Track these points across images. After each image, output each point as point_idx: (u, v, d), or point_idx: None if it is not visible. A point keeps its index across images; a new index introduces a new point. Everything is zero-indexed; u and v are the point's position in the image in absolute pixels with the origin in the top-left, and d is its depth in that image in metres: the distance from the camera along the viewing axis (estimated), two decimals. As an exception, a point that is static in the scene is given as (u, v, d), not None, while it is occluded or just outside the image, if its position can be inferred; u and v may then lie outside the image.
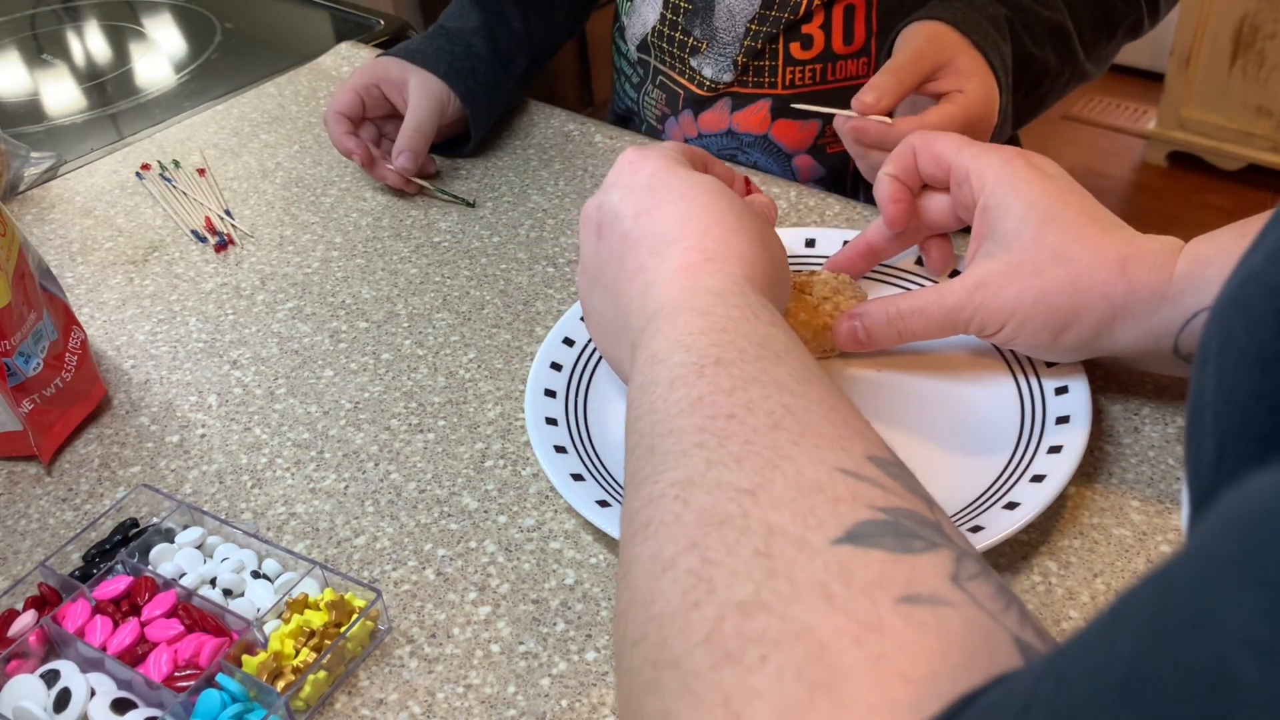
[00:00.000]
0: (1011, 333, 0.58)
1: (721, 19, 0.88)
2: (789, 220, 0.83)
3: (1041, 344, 0.59)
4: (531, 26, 0.97)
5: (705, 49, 0.90)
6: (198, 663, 0.52)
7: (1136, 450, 0.61)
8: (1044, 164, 0.61)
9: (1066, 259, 0.56)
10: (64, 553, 0.59)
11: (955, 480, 0.59)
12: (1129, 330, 0.57)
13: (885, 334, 0.63)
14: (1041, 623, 0.40)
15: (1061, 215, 0.58)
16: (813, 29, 0.87)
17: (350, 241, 0.85)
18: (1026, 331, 0.58)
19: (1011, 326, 0.58)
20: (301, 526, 0.61)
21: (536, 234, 0.84)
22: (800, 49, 0.87)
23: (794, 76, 0.89)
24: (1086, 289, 0.56)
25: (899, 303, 0.62)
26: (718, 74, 0.91)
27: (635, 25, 0.96)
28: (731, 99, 0.92)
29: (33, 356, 0.66)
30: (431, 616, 0.56)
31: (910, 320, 0.62)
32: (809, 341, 0.66)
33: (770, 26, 0.87)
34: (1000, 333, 0.59)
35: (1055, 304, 0.57)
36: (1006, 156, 0.61)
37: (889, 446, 0.41)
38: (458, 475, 0.64)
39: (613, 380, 0.67)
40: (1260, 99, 2.41)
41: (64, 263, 0.85)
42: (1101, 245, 0.57)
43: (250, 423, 0.69)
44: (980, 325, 0.59)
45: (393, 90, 0.90)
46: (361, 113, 0.90)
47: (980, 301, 0.58)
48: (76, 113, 1.11)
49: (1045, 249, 0.57)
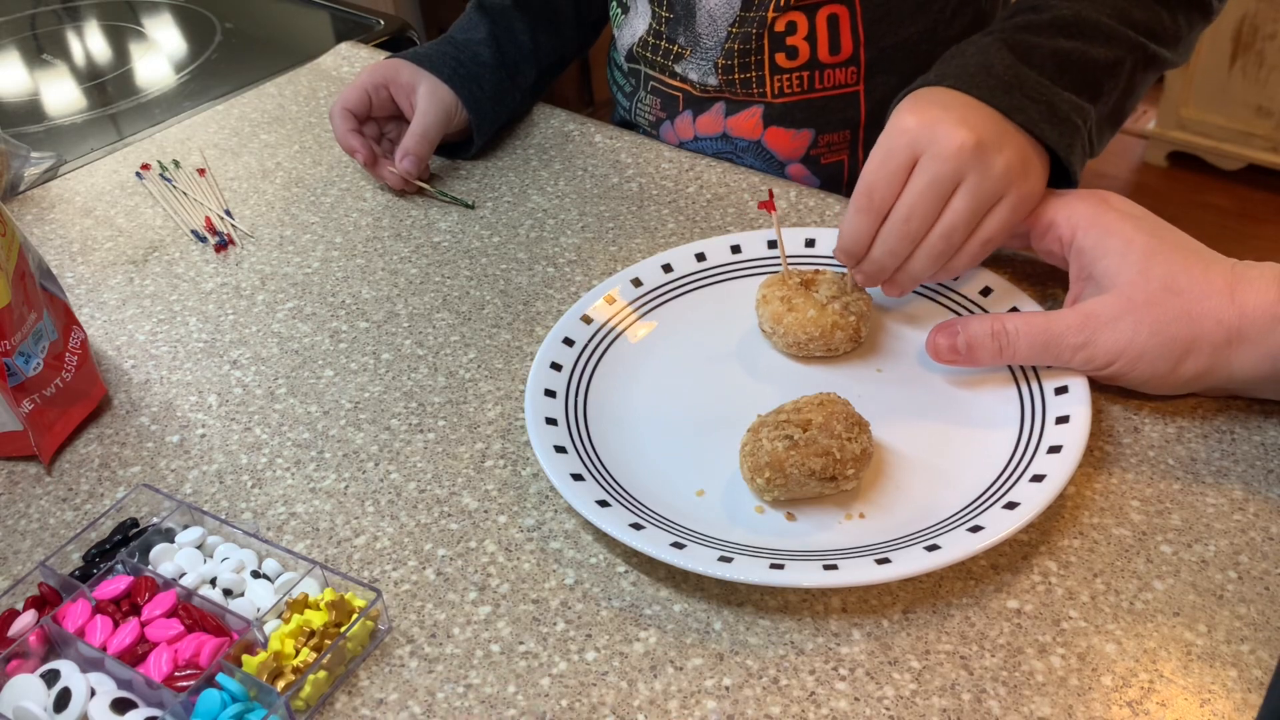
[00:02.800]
0: (1127, 365, 0.59)
1: (703, 24, 0.89)
2: (789, 220, 0.83)
3: (1159, 375, 0.59)
4: (539, 40, 0.98)
5: (689, 55, 0.91)
6: (198, 663, 0.52)
7: (1136, 450, 0.61)
8: (1126, 204, 0.62)
9: (1177, 289, 0.57)
10: (64, 553, 0.59)
11: (955, 480, 0.59)
12: (1246, 355, 0.57)
13: (987, 349, 0.62)
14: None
15: (1162, 249, 0.58)
16: (797, 40, 0.86)
17: (350, 241, 0.85)
18: (1145, 363, 0.58)
19: (1128, 359, 0.58)
20: (301, 526, 0.61)
21: (536, 234, 0.84)
22: (785, 59, 0.88)
23: (782, 85, 0.89)
24: (1200, 316, 0.57)
25: (1004, 320, 0.62)
26: (702, 78, 0.91)
27: (625, 37, 0.97)
28: (726, 104, 0.92)
29: (33, 356, 0.66)
30: (431, 616, 0.56)
31: (1015, 338, 0.61)
32: (817, 340, 0.66)
33: (749, 27, 0.87)
34: (1113, 366, 0.59)
35: (1172, 334, 0.57)
36: (1093, 200, 0.61)
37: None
38: (458, 475, 0.64)
39: (612, 381, 0.67)
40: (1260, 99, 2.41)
41: (64, 263, 0.85)
42: (1207, 274, 0.57)
43: (250, 423, 0.69)
44: (1089, 356, 0.59)
45: (401, 93, 0.91)
46: (368, 111, 0.91)
47: (1093, 331, 0.59)
48: (76, 113, 1.11)
49: (1154, 281, 0.58)
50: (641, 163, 0.92)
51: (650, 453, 0.63)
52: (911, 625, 0.53)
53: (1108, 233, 0.60)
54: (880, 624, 0.53)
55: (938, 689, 0.50)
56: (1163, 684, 0.49)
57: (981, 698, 0.49)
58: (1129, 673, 0.50)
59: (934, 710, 0.49)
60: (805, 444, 0.56)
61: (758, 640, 0.53)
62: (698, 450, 0.62)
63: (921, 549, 0.53)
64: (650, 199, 0.87)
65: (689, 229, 0.83)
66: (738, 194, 0.87)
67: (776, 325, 0.67)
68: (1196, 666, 0.50)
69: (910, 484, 0.59)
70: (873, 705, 0.50)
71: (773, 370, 0.68)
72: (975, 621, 0.53)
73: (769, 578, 0.52)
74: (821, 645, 0.52)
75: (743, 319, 0.71)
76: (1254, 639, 0.51)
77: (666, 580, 0.56)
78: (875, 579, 0.52)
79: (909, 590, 0.55)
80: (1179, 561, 0.55)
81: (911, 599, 0.54)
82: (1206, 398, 0.64)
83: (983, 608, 0.53)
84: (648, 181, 0.89)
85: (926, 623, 0.53)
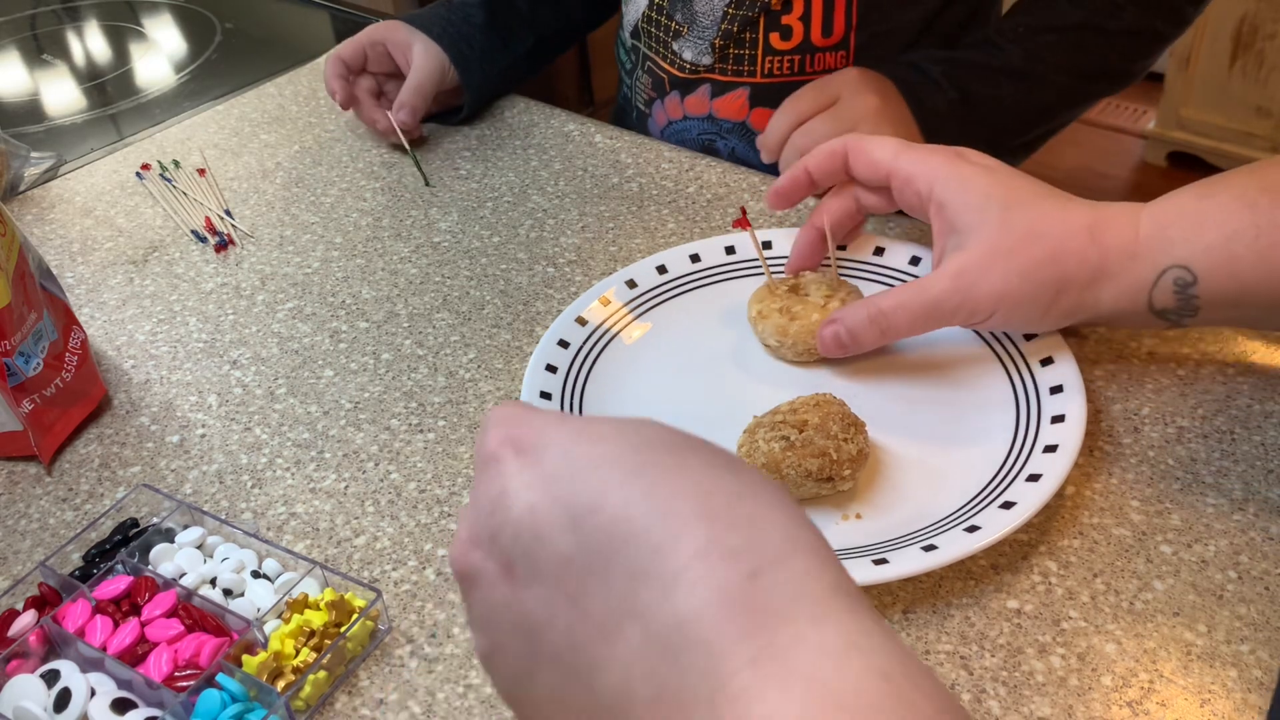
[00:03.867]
0: (1004, 314, 0.60)
1: (701, 3, 0.91)
2: (773, 221, 0.83)
3: (1034, 318, 0.61)
4: (538, 6, 1.02)
5: (686, 33, 0.93)
6: (198, 663, 0.52)
7: (1136, 450, 0.61)
8: (982, 159, 0.63)
9: (1040, 234, 0.59)
10: (64, 553, 0.59)
11: (952, 480, 0.59)
12: (1108, 291, 0.59)
13: (868, 334, 0.63)
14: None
15: (1019, 198, 0.60)
16: (792, 20, 0.88)
17: (350, 241, 0.85)
18: (1020, 310, 0.60)
19: (1004, 308, 0.60)
20: (301, 526, 0.61)
21: (536, 234, 0.84)
22: (780, 39, 0.89)
23: (772, 66, 0.91)
24: (1064, 257, 0.59)
25: (879, 301, 0.63)
26: (697, 57, 0.94)
27: (630, 13, 1.00)
28: (711, 85, 0.94)
29: (33, 356, 0.66)
30: (431, 616, 0.56)
31: (893, 316, 0.62)
32: None
33: (747, 10, 0.89)
34: (991, 317, 0.60)
35: (1042, 277, 0.59)
36: (948, 156, 0.63)
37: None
38: (458, 475, 0.64)
39: (610, 380, 0.67)
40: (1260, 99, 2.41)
41: (64, 263, 0.85)
42: (1066, 217, 0.59)
43: (250, 423, 0.69)
44: (969, 313, 0.60)
45: (397, 51, 0.96)
46: (362, 64, 0.97)
47: (965, 288, 0.60)
48: (76, 113, 1.11)
49: (1016, 230, 0.59)
50: (641, 163, 0.92)
51: (650, 453, 0.62)
52: (911, 625, 0.53)
53: (965, 186, 0.61)
54: (880, 624, 0.53)
55: (937, 689, 0.50)
56: (1163, 684, 0.49)
57: (981, 698, 0.50)
58: (1129, 673, 0.50)
59: (933, 710, 0.49)
60: (802, 445, 0.56)
61: (757, 640, 0.53)
62: (697, 450, 0.62)
63: (919, 549, 0.53)
64: (650, 199, 0.87)
65: (689, 229, 0.83)
66: (738, 194, 0.87)
67: (783, 338, 0.67)
68: (1196, 666, 0.50)
69: (907, 484, 0.59)
70: (872, 705, 0.50)
71: (768, 371, 0.68)
72: (975, 621, 0.53)
73: (768, 578, 0.52)
74: (821, 645, 0.52)
75: (738, 320, 0.71)
76: (1254, 639, 0.51)
77: (666, 580, 0.56)
78: (873, 579, 0.52)
79: (908, 590, 0.55)
80: (1179, 561, 0.55)
81: (911, 599, 0.54)
82: (1205, 398, 0.64)
83: (983, 608, 0.53)
84: (648, 181, 0.89)
85: (926, 623, 0.53)
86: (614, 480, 0.31)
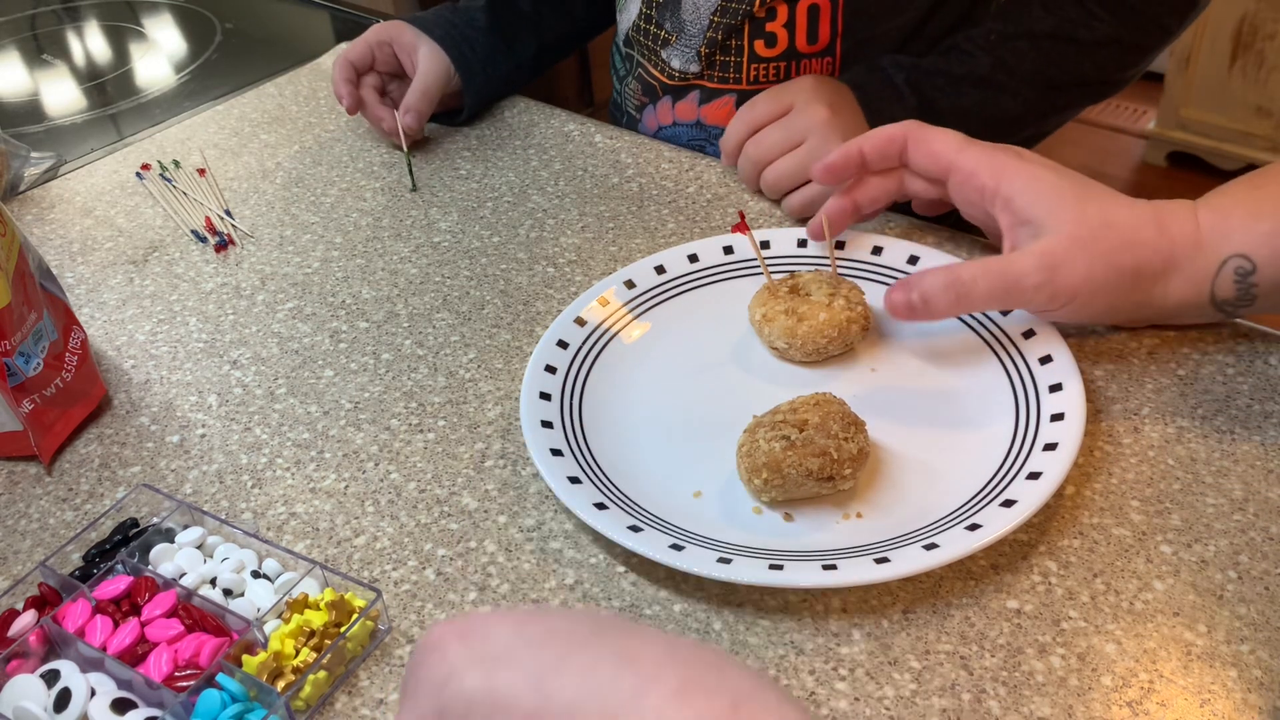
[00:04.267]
0: (1083, 301, 0.61)
1: (688, 12, 0.92)
2: (772, 221, 0.83)
3: (1109, 307, 0.62)
4: (541, 11, 1.02)
5: (675, 41, 0.94)
6: (198, 663, 0.52)
7: (1136, 450, 0.61)
8: (1038, 157, 0.65)
9: (1114, 224, 0.60)
10: (64, 553, 0.59)
11: (952, 479, 0.59)
12: (1176, 282, 0.60)
13: (942, 300, 0.63)
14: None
15: (1088, 192, 0.62)
16: (776, 27, 0.89)
17: (350, 241, 0.85)
18: (1098, 298, 0.61)
19: (1085, 294, 0.60)
20: (301, 526, 0.61)
21: (536, 234, 0.84)
22: (765, 46, 0.90)
23: (758, 73, 0.91)
24: (1138, 246, 0.60)
25: (957, 270, 0.63)
26: (685, 65, 0.94)
27: (624, 21, 1.00)
28: (700, 91, 0.95)
29: (33, 356, 0.66)
30: (432, 616, 0.56)
31: (972, 286, 0.62)
32: (835, 340, 0.66)
33: (730, 18, 0.89)
34: (1068, 304, 0.61)
35: (1120, 263, 0.60)
36: (1010, 153, 0.64)
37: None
38: (458, 475, 0.64)
39: (610, 381, 0.67)
40: (1260, 99, 2.41)
41: (64, 263, 0.85)
42: (1133, 208, 0.61)
43: (250, 423, 0.69)
44: (1050, 295, 0.61)
45: (403, 52, 0.96)
46: (370, 65, 0.97)
47: (1050, 269, 0.60)
48: (76, 113, 1.11)
49: (1092, 221, 0.60)
50: (641, 163, 0.92)
51: (647, 454, 0.63)
52: (911, 625, 0.53)
53: (1034, 180, 0.62)
54: (880, 624, 0.53)
55: (938, 689, 0.50)
56: (1163, 684, 0.49)
57: (981, 698, 0.50)
58: (1129, 673, 0.50)
59: (934, 710, 0.49)
60: (802, 444, 0.56)
61: (757, 640, 0.53)
62: (694, 451, 0.62)
63: (920, 548, 0.53)
64: (650, 199, 0.87)
65: (689, 229, 0.83)
66: (737, 194, 0.87)
67: (792, 339, 0.66)
68: (1196, 666, 0.50)
69: (907, 483, 0.59)
70: (873, 705, 0.50)
71: (768, 370, 0.68)
72: (975, 621, 0.53)
73: (768, 578, 0.52)
74: (821, 645, 0.52)
75: (737, 320, 0.71)
76: (1254, 639, 0.51)
77: (666, 581, 0.56)
78: (874, 578, 0.52)
79: (909, 590, 0.55)
80: (1179, 561, 0.55)
81: (911, 599, 0.54)
82: (1205, 398, 0.64)
83: (982, 608, 0.53)
84: (648, 181, 0.89)
85: (926, 623, 0.53)
86: (575, 641, 0.31)
